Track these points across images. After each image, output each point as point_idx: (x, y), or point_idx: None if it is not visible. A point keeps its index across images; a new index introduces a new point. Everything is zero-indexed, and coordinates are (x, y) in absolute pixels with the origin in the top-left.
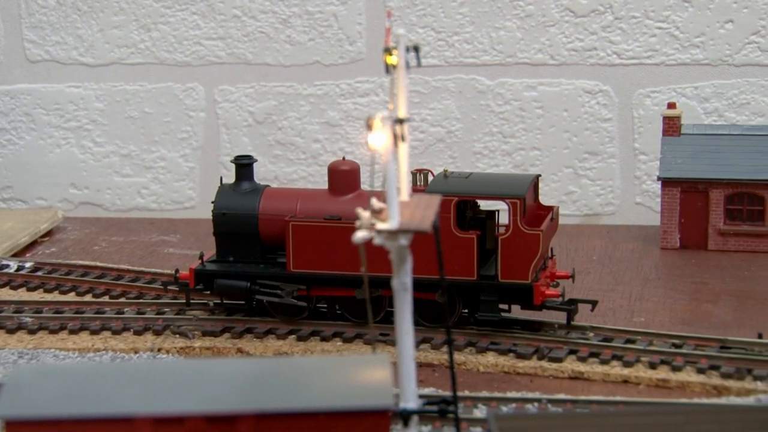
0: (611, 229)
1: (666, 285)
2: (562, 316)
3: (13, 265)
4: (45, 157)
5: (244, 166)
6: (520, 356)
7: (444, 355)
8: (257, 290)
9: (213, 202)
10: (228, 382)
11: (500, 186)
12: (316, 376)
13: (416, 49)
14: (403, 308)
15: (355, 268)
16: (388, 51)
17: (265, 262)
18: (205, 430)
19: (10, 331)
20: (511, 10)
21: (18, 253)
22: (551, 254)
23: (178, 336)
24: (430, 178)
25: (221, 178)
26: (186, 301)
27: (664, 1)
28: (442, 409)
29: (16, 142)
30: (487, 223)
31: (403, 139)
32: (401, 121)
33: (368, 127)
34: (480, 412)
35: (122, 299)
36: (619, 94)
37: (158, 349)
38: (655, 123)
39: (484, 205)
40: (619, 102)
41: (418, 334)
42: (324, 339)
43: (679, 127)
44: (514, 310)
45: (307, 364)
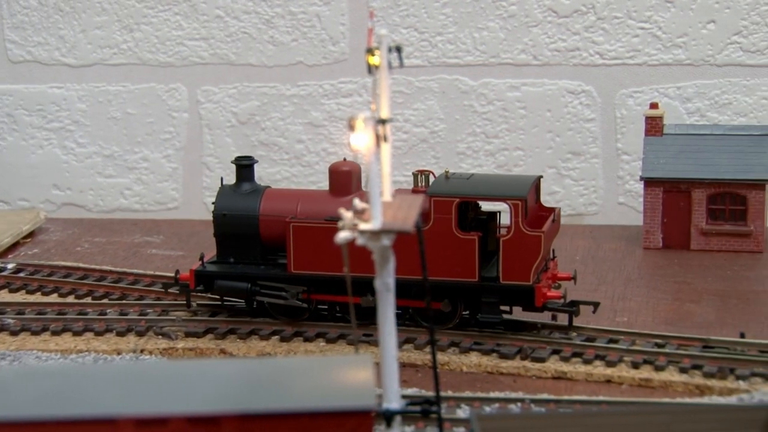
0: (594, 229)
1: (649, 285)
2: (550, 316)
3: None
4: (27, 158)
5: (245, 167)
6: (504, 356)
7: (427, 356)
8: (259, 291)
9: (213, 203)
10: (211, 383)
11: (502, 187)
12: (300, 376)
13: (398, 50)
14: (386, 308)
15: (355, 269)
16: (370, 51)
17: (266, 264)
18: (188, 431)
19: None
20: (494, 11)
21: (0, 255)
22: (553, 256)
23: (160, 337)
24: (432, 179)
25: (222, 179)
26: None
27: (647, 2)
28: (425, 409)
29: None
30: (488, 225)
31: (386, 140)
32: (384, 122)
33: (350, 128)
34: (463, 413)
35: (105, 300)
36: (602, 94)
37: (141, 350)
38: (638, 123)
39: (486, 207)
40: (602, 102)
41: (402, 334)
42: (307, 340)
43: (662, 127)
44: (515, 311)
45: (290, 364)
